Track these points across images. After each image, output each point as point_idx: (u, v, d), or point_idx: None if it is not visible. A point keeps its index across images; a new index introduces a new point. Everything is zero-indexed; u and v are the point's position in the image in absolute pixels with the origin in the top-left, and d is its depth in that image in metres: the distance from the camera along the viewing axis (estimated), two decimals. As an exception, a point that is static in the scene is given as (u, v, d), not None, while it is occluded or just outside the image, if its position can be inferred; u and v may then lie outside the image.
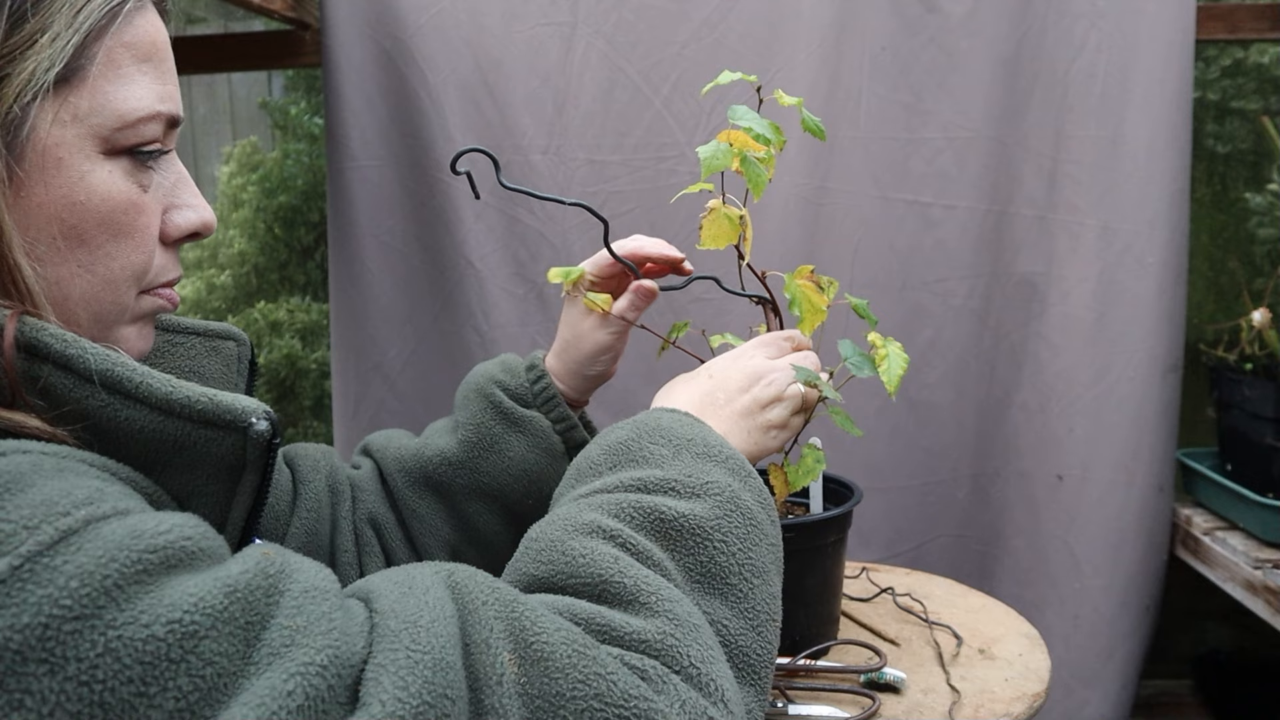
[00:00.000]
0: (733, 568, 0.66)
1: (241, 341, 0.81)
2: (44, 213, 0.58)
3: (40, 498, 0.46)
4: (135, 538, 0.46)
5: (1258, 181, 2.12)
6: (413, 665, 0.49)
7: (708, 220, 0.89)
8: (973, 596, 1.22)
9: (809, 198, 1.75)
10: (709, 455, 0.72)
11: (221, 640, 0.45)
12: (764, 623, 0.66)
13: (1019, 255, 1.80)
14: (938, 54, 1.74)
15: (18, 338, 0.54)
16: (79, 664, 0.42)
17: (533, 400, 0.97)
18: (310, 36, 1.83)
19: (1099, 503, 1.79)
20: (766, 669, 0.65)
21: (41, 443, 0.52)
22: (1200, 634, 2.22)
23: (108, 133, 0.60)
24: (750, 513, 0.69)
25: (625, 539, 0.64)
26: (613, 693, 0.53)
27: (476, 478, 0.95)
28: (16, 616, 0.42)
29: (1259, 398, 1.69)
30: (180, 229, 0.66)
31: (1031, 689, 0.98)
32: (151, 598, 0.45)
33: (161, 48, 0.64)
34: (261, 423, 0.59)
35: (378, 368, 1.82)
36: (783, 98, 0.94)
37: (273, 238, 2.54)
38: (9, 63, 0.56)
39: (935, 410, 1.82)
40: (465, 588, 0.55)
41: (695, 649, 0.59)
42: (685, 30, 1.72)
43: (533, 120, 1.74)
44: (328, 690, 0.46)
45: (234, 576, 0.48)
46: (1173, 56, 1.72)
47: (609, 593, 0.60)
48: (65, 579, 0.43)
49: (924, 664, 1.04)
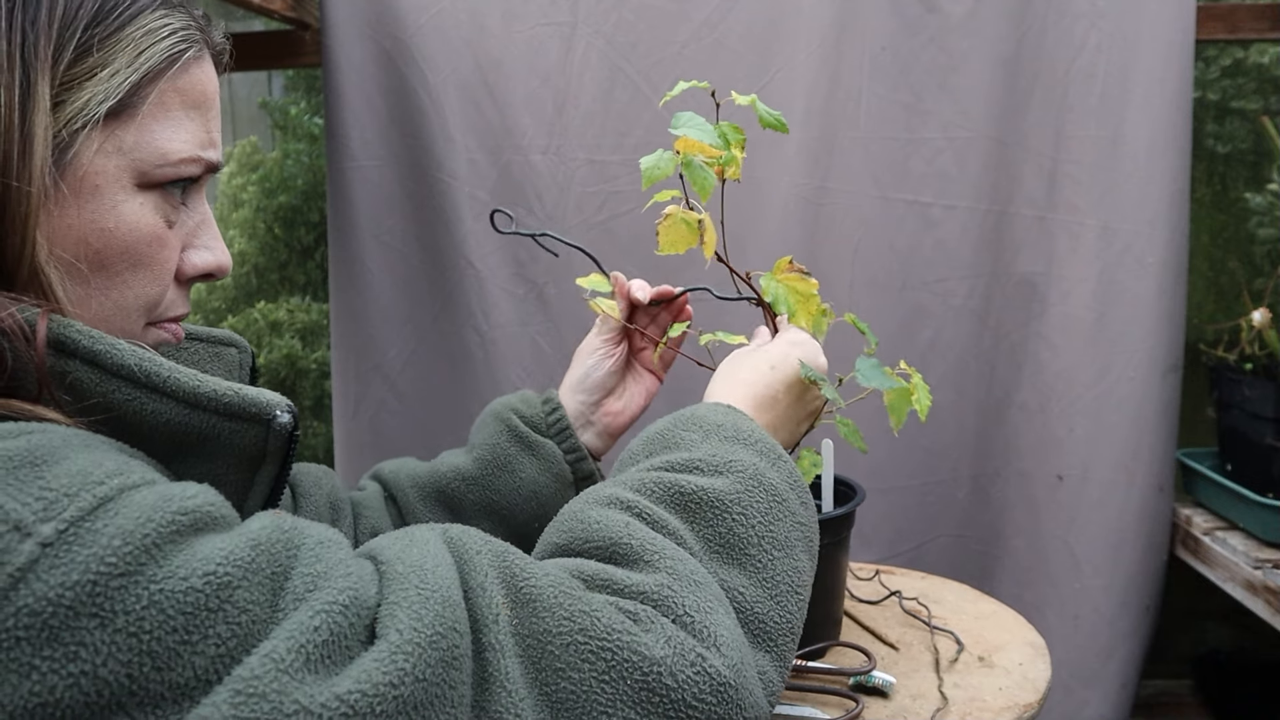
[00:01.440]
0: (752, 539, 0.68)
1: (243, 349, 0.83)
2: (72, 234, 0.61)
3: (76, 468, 0.49)
4: (167, 501, 0.49)
5: (1258, 181, 2.12)
6: (424, 600, 0.52)
7: (664, 226, 0.89)
8: (984, 603, 1.21)
9: (809, 198, 1.75)
10: (738, 439, 0.74)
11: (252, 589, 0.49)
12: (784, 594, 0.68)
13: (1019, 255, 1.80)
14: (938, 54, 1.74)
15: (45, 335, 0.56)
16: (126, 616, 0.45)
17: (547, 430, 1.02)
18: (310, 36, 1.83)
19: (1099, 503, 1.78)
20: (785, 638, 0.67)
21: (65, 425, 0.54)
22: (1200, 634, 2.21)
23: (148, 169, 0.63)
24: (775, 490, 0.72)
25: (641, 509, 0.67)
26: (596, 628, 0.57)
27: (488, 494, 1.00)
28: (66, 575, 0.45)
29: (1259, 398, 1.69)
30: (196, 268, 0.69)
31: (1024, 699, 0.97)
32: (185, 554, 0.48)
33: (211, 97, 0.67)
34: (284, 415, 0.62)
35: (378, 368, 1.82)
36: (737, 98, 0.94)
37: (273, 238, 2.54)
38: (67, 90, 0.59)
39: (935, 410, 1.82)
40: (460, 541, 0.59)
41: (691, 599, 0.61)
42: (685, 30, 1.72)
43: (533, 120, 1.74)
44: (349, 627, 0.50)
45: (255, 532, 0.51)
46: (1173, 56, 1.72)
47: (617, 553, 0.64)
48: (108, 539, 0.46)
49: (920, 669, 1.03)
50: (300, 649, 0.47)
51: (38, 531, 0.45)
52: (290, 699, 0.46)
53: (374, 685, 0.48)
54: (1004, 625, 1.14)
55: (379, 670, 0.48)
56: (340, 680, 0.48)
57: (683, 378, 1.75)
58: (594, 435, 1.04)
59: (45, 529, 0.46)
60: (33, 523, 0.46)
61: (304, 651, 0.47)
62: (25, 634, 0.44)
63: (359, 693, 0.47)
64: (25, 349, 0.55)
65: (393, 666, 0.49)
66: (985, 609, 1.19)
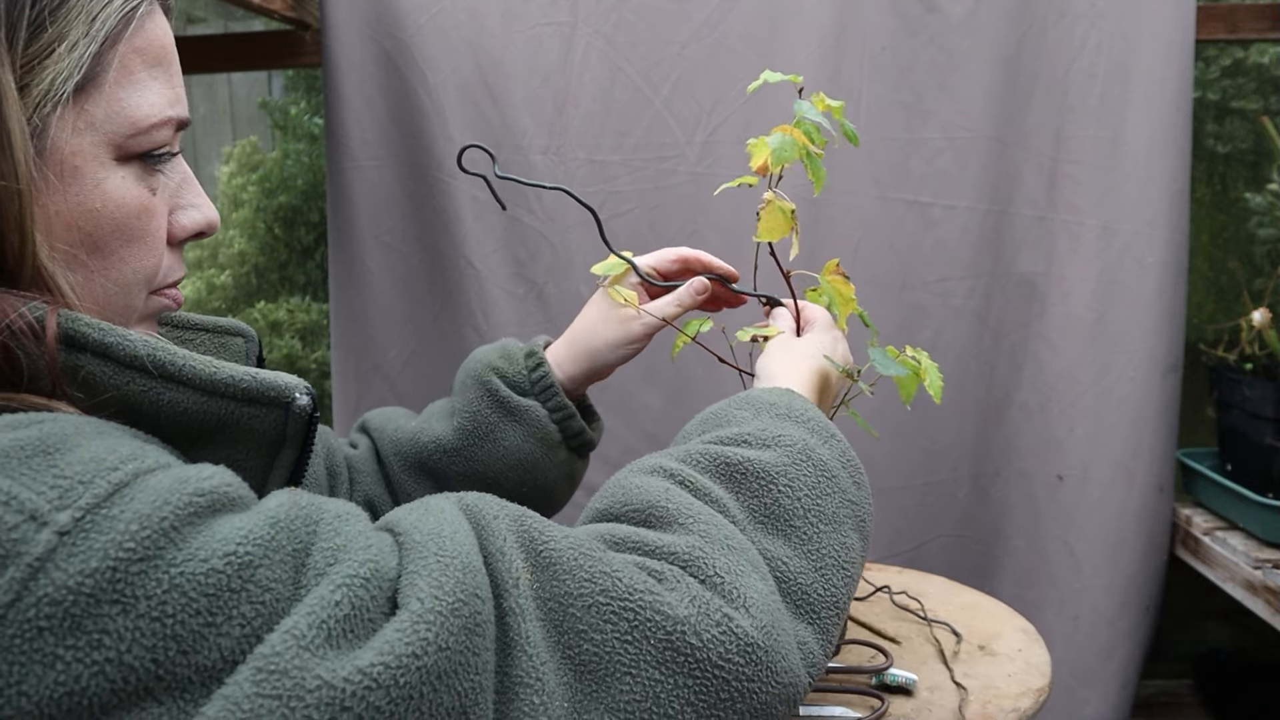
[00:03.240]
0: (798, 511, 0.68)
1: (249, 337, 0.81)
2: (62, 221, 0.59)
3: (89, 455, 0.48)
4: (182, 483, 0.49)
5: (1258, 181, 2.12)
6: (444, 568, 0.51)
7: (765, 212, 0.89)
8: (966, 593, 1.22)
9: (809, 197, 1.75)
10: (790, 416, 0.74)
11: (274, 567, 0.48)
12: (829, 567, 0.67)
13: (1019, 255, 1.80)
14: (938, 54, 1.74)
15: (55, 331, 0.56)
16: (149, 601, 0.45)
17: (530, 389, 0.97)
18: (310, 36, 1.83)
19: (1099, 503, 1.79)
20: (829, 610, 0.66)
21: (77, 414, 0.54)
22: (1200, 634, 2.22)
23: (121, 140, 0.61)
24: (825, 466, 0.71)
25: (684, 477, 0.67)
26: (618, 588, 0.56)
27: (471, 465, 0.97)
28: (85, 562, 0.44)
29: (1259, 398, 1.69)
30: (186, 229, 0.67)
31: (1035, 684, 0.98)
32: (205, 536, 0.48)
33: (170, 50, 0.64)
34: (303, 398, 0.61)
35: (378, 368, 1.82)
36: (822, 101, 0.95)
37: (273, 238, 2.54)
38: (29, 73, 0.57)
39: (935, 410, 1.82)
40: (476, 507, 0.58)
41: (723, 561, 0.60)
42: (685, 30, 1.72)
43: (533, 120, 1.74)
44: (371, 600, 0.49)
45: (273, 510, 0.51)
46: (1173, 56, 1.72)
47: (653, 516, 0.63)
48: (125, 524, 0.46)
49: (926, 662, 1.04)
50: (322, 624, 0.47)
51: (54, 520, 0.45)
52: (312, 674, 0.45)
53: (396, 656, 0.47)
54: (992, 614, 1.15)
55: (401, 641, 0.48)
56: (363, 653, 0.47)
57: (685, 369, 1.75)
58: (574, 383, 0.99)
59: (61, 517, 0.45)
60: (48, 511, 0.45)
61: (325, 626, 0.47)
62: (48, 624, 0.43)
63: (381, 665, 0.47)
64: (36, 348, 0.54)
65: (415, 636, 0.48)
66: (969, 599, 1.20)
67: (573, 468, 1.01)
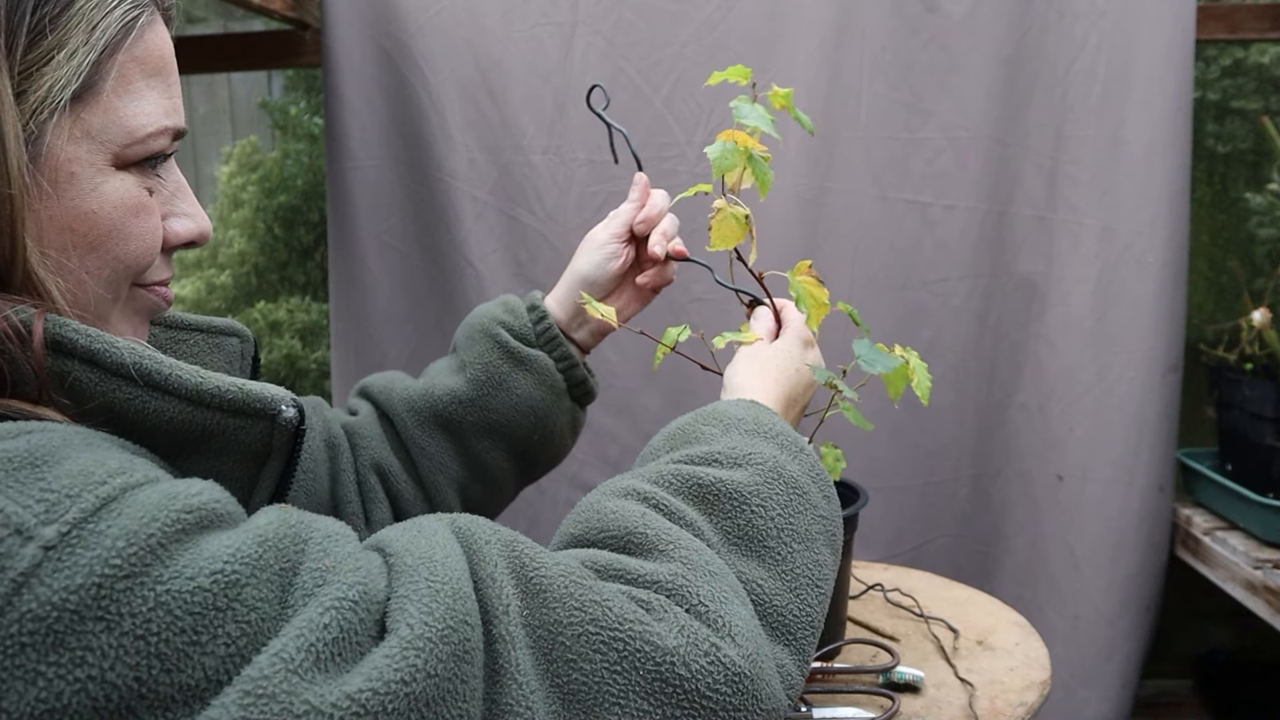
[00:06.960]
0: (771, 531, 0.67)
1: (245, 338, 0.81)
2: (56, 225, 0.59)
3: (77, 468, 0.48)
4: (171, 499, 0.48)
5: (1258, 181, 2.12)
6: (434, 593, 0.51)
7: (716, 221, 0.88)
8: (956, 589, 1.22)
9: (809, 198, 1.75)
10: (758, 432, 0.74)
11: (261, 586, 0.48)
12: (804, 586, 0.67)
13: (1019, 255, 1.80)
14: (938, 54, 1.74)
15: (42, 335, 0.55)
16: (133, 619, 0.44)
17: (536, 340, 1.00)
18: (310, 36, 1.83)
19: (1099, 503, 1.78)
20: (804, 630, 0.66)
21: (66, 424, 0.53)
22: (1200, 634, 2.21)
23: (118, 148, 0.61)
24: (796, 483, 0.71)
25: (658, 500, 0.67)
26: (608, 617, 0.56)
27: (486, 414, 0.98)
28: (70, 578, 0.44)
29: (1259, 398, 1.69)
30: (179, 237, 0.67)
31: (1037, 676, 0.98)
32: (192, 553, 0.47)
33: (168, 60, 0.65)
34: (289, 410, 0.61)
35: (378, 368, 1.81)
36: (776, 95, 0.94)
37: (273, 238, 2.54)
38: (27, 79, 0.57)
39: (935, 410, 1.82)
40: (469, 530, 0.58)
41: (706, 589, 0.60)
42: (685, 30, 1.72)
43: (533, 120, 1.74)
44: (359, 623, 0.49)
45: (262, 528, 0.50)
46: (1173, 56, 1.72)
47: (632, 543, 0.63)
48: (111, 540, 0.45)
49: (927, 658, 1.04)
50: (310, 647, 0.46)
51: (40, 534, 0.44)
52: (300, 699, 0.45)
53: (385, 683, 0.47)
54: (984, 609, 1.15)
55: (390, 667, 0.47)
56: (351, 678, 0.47)
57: (676, 373, 1.75)
58: (587, 333, 1.03)
59: (47, 532, 0.44)
60: (34, 525, 0.45)
61: (314, 650, 0.47)
62: (30, 640, 0.43)
63: (370, 691, 0.46)
64: (22, 352, 0.54)
65: (404, 663, 0.48)
66: (959, 595, 1.20)
67: (575, 417, 1.04)
